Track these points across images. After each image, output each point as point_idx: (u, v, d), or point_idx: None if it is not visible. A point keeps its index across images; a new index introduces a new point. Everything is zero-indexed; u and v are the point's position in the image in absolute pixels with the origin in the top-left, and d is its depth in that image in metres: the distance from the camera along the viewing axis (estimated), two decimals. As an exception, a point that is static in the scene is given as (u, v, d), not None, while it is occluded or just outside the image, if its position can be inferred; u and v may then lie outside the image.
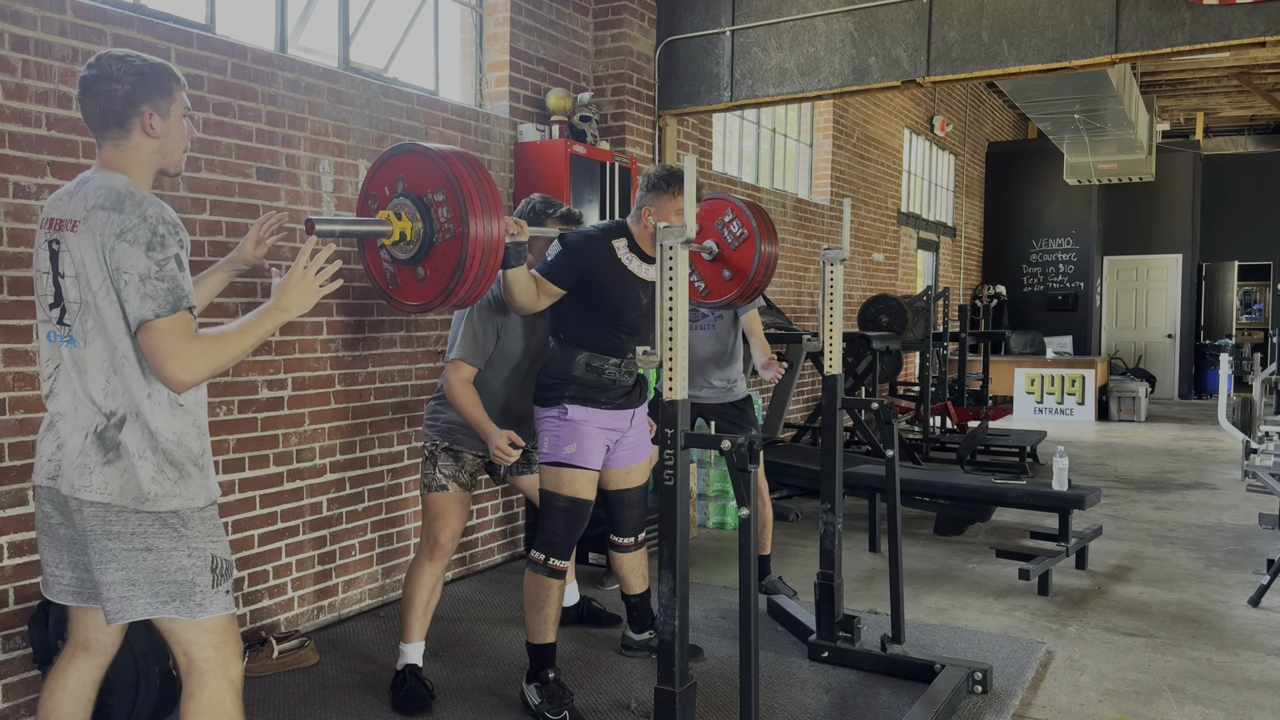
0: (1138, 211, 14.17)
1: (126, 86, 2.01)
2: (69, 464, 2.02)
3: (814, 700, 3.32)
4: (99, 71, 2.01)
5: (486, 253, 2.36)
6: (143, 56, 2.07)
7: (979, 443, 7.77)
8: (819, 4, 5.31)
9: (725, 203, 3.78)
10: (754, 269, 3.69)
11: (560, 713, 3.07)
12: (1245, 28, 4.29)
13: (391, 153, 2.49)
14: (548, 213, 3.42)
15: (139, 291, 1.92)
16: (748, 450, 2.34)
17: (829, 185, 9.11)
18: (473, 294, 2.43)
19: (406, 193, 2.42)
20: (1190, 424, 11.21)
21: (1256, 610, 4.31)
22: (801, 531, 5.78)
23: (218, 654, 2.08)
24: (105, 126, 2.04)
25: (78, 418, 2.03)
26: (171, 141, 2.10)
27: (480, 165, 2.43)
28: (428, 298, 2.43)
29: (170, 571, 2.03)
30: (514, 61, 5.01)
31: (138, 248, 1.92)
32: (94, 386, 2.01)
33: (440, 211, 2.36)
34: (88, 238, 1.96)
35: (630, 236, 3.16)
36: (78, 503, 2.01)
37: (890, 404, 3.56)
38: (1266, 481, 5.10)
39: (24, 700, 3.07)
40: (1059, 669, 3.62)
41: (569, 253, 3.06)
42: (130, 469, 2.00)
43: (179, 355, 1.93)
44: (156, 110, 2.05)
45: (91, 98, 2.02)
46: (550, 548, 3.10)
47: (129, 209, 1.95)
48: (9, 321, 2.97)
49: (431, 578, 3.33)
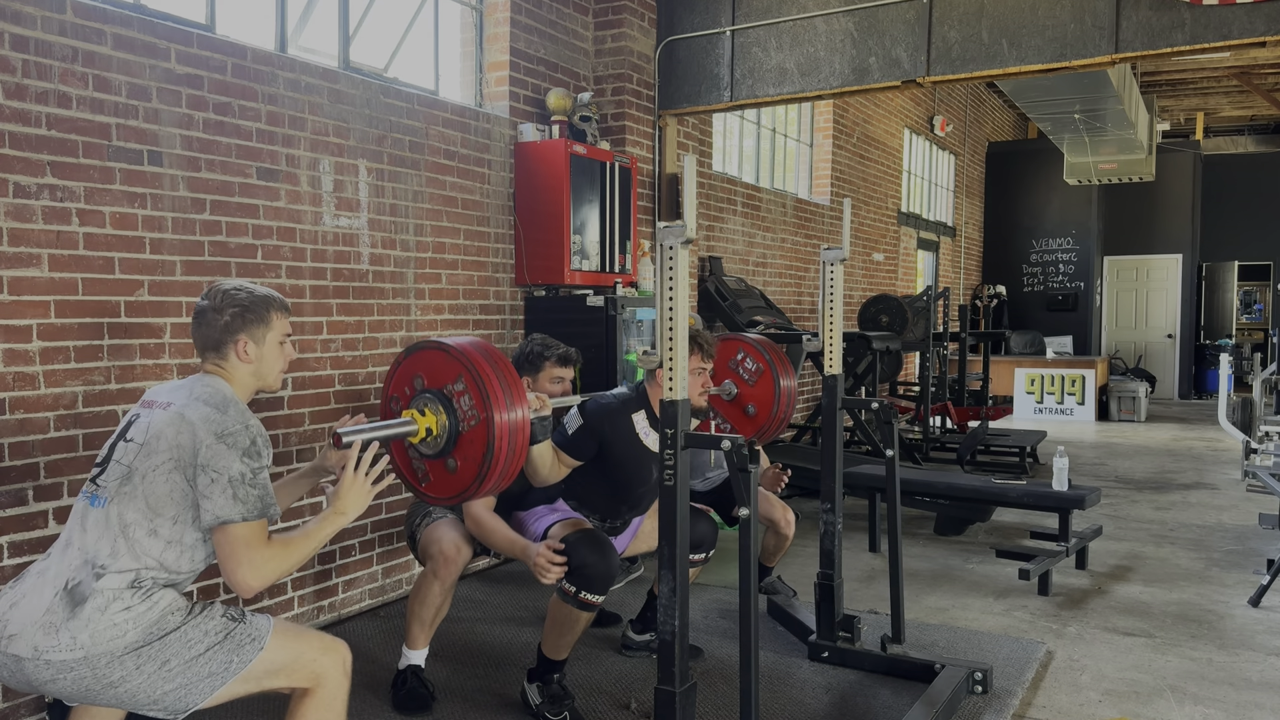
0: (1138, 211, 14.16)
1: (226, 318, 2.17)
2: (29, 624, 1.96)
3: (814, 700, 3.32)
4: (209, 303, 2.19)
5: (514, 434, 2.34)
6: (250, 289, 2.21)
7: (979, 443, 7.77)
8: (819, 4, 5.31)
9: (736, 342, 3.81)
10: (775, 401, 3.72)
11: (560, 713, 3.06)
12: (1245, 28, 4.29)
13: (408, 352, 2.49)
14: (545, 356, 3.40)
15: (227, 493, 2.00)
16: (748, 450, 2.34)
17: (829, 185, 9.11)
18: (505, 477, 2.39)
19: (426, 389, 2.41)
20: (1190, 424, 11.21)
21: (1256, 610, 4.31)
22: (801, 531, 5.77)
23: (325, 654, 2.13)
24: (205, 350, 2.21)
25: (51, 577, 2.02)
26: (266, 365, 2.24)
27: (495, 351, 2.42)
28: (463, 487, 2.40)
29: (202, 652, 2.01)
30: (514, 61, 5.01)
31: (235, 452, 2.02)
32: (97, 544, 2.02)
33: (462, 401, 2.35)
34: (176, 419, 2.04)
35: (649, 406, 3.18)
36: (49, 668, 1.93)
37: (890, 404, 3.56)
38: (1266, 481, 5.10)
39: (24, 700, 3.07)
40: (1059, 669, 3.62)
41: (589, 427, 3.10)
42: (97, 611, 1.96)
43: (251, 560, 2.02)
44: (252, 338, 2.19)
45: (198, 326, 2.20)
46: (584, 580, 2.95)
47: (233, 414, 2.06)
48: (9, 321, 2.97)
49: (439, 596, 3.24)
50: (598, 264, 5.11)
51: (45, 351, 3.07)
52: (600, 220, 5.12)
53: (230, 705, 3.25)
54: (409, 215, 4.39)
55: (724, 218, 7.21)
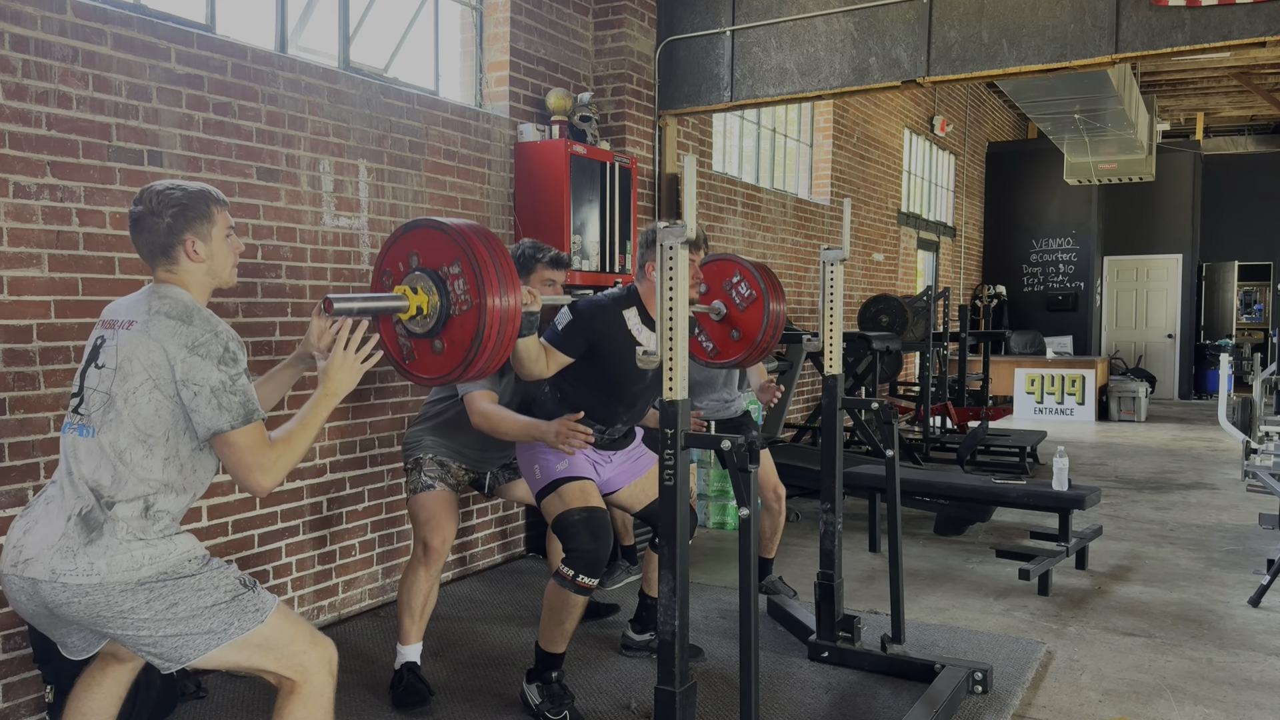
0: (1138, 211, 14.16)
1: (167, 220, 2.11)
2: (45, 548, 1.98)
3: (814, 700, 3.32)
4: (143, 208, 2.11)
5: (504, 323, 2.36)
6: (182, 186, 2.15)
7: (979, 443, 7.77)
8: (819, 4, 5.31)
9: (733, 264, 3.79)
10: (762, 330, 3.70)
11: (560, 713, 3.06)
12: (1245, 28, 4.29)
13: (405, 228, 2.48)
14: (537, 258, 3.35)
15: (212, 404, 2.00)
16: (748, 450, 2.34)
17: (829, 185, 9.11)
18: (491, 364, 2.42)
19: (422, 268, 2.42)
20: (1190, 424, 11.21)
21: (1256, 610, 4.31)
22: (801, 531, 5.78)
23: (314, 648, 2.12)
24: (154, 256, 2.14)
25: (63, 503, 2.03)
26: (217, 262, 2.19)
27: (494, 238, 2.42)
28: (446, 369, 2.42)
29: (209, 605, 2.02)
30: (514, 61, 5.01)
31: (210, 362, 2.00)
32: (98, 473, 2.01)
33: (456, 284, 2.36)
34: (143, 337, 2.02)
35: (640, 304, 3.16)
36: (65, 590, 1.96)
37: (890, 404, 3.56)
38: (1266, 481, 5.10)
39: (24, 700, 3.07)
40: (1059, 669, 3.62)
41: (579, 322, 3.06)
42: (115, 543, 1.98)
43: (260, 465, 2.04)
44: (198, 236, 2.14)
45: (138, 232, 2.12)
46: (581, 564, 2.99)
47: (198, 323, 2.03)
48: (9, 321, 2.97)
49: (426, 584, 3.31)
50: (598, 264, 5.12)
51: (45, 351, 3.07)
52: (600, 220, 5.12)
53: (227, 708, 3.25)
54: (409, 215, 4.39)
55: (724, 218, 7.21)
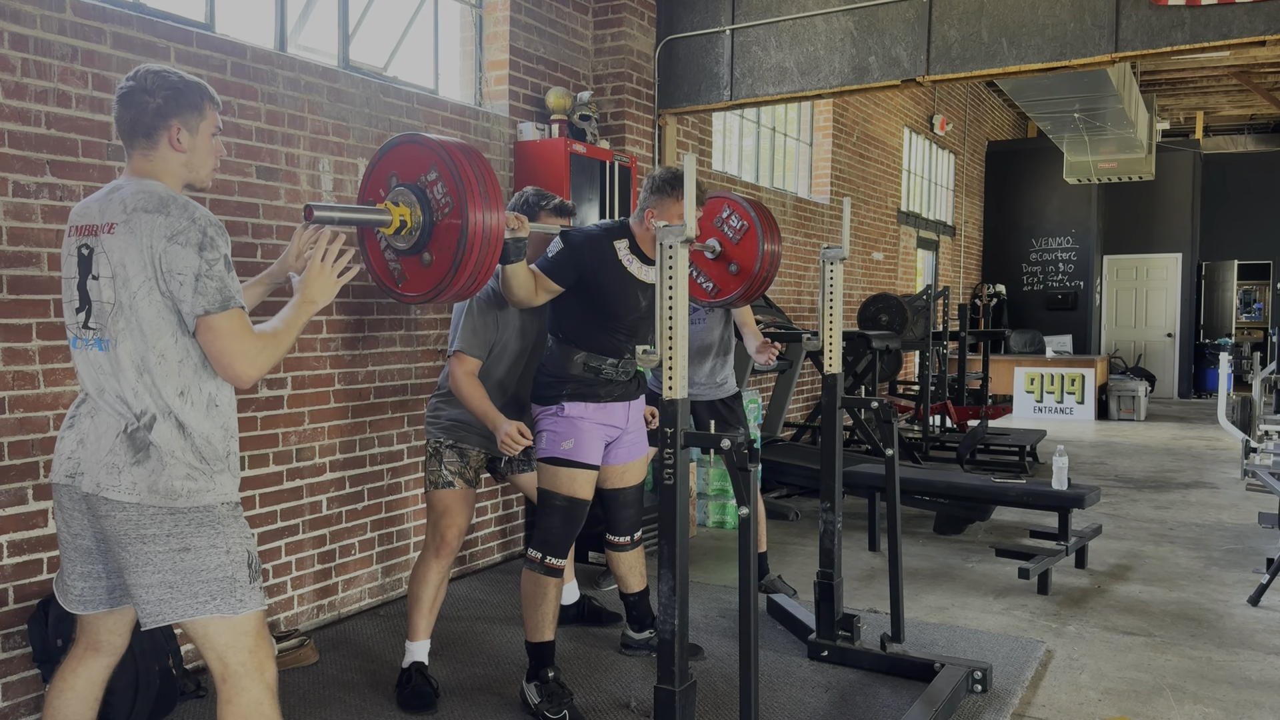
0: (1137, 211, 14.17)
1: (159, 100, 2.06)
2: (94, 462, 2.02)
3: (814, 699, 3.32)
4: (135, 84, 2.07)
5: (487, 237, 2.38)
6: (180, 73, 2.11)
7: (978, 442, 7.77)
8: (819, 3, 5.31)
9: (722, 199, 3.79)
10: (759, 262, 3.69)
11: (560, 712, 3.07)
12: (1245, 27, 4.29)
13: (382, 151, 2.53)
14: (541, 205, 3.36)
15: (190, 288, 1.98)
16: (747, 450, 2.34)
17: (829, 184, 9.11)
18: (475, 281, 2.45)
19: (401, 184, 2.45)
20: (1190, 423, 11.21)
21: (1256, 609, 4.31)
22: (801, 530, 5.78)
23: (253, 656, 2.08)
24: (134, 136, 2.08)
25: (106, 418, 2.04)
26: (199, 157, 2.15)
27: (480, 155, 2.44)
28: (437, 279, 2.45)
29: (209, 569, 2.03)
30: (514, 60, 5.01)
31: (190, 249, 1.97)
32: (124, 386, 2.01)
33: (435, 190, 2.39)
34: (128, 238, 1.99)
35: (632, 238, 3.16)
36: (106, 504, 2.00)
37: (890, 403, 3.56)
38: (1266, 480, 5.10)
39: (24, 700, 3.07)
40: (1059, 668, 3.62)
41: (570, 250, 3.06)
42: (161, 469, 2.00)
43: (244, 352, 2.01)
44: (185, 125, 2.10)
45: (125, 108, 2.07)
46: (547, 546, 3.10)
47: (175, 212, 1.99)
48: (9, 321, 2.97)
49: (437, 575, 3.34)
50: (597, 263, 5.11)
51: (45, 351, 3.07)
52: (600, 219, 5.12)
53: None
54: (409, 214, 4.39)
55: (724, 217, 7.20)
